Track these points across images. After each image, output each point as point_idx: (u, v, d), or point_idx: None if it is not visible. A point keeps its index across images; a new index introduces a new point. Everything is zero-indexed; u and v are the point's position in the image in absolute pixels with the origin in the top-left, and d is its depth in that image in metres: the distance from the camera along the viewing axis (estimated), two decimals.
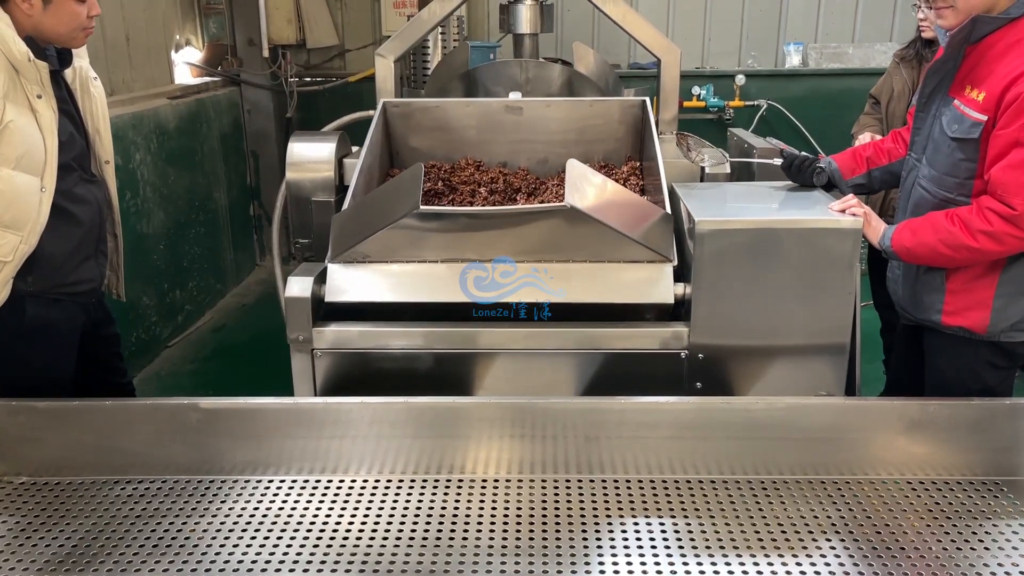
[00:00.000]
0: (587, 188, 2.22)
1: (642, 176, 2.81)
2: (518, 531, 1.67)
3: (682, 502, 1.77)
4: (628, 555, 1.59)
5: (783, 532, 1.67)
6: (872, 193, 2.74)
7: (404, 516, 1.72)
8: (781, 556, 1.59)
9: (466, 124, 2.95)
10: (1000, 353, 2.32)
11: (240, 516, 1.74)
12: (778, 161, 2.66)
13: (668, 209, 2.34)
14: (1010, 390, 2.39)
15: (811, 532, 1.66)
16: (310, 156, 2.80)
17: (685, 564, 1.57)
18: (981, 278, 2.26)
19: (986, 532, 1.67)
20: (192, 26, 5.87)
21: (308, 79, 6.39)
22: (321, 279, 2.31)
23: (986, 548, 1.61)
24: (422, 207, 2.15)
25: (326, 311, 2.33)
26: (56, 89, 2.26)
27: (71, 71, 2.39)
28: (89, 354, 2.55)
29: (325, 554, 1.61)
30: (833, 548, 1.61)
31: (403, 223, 2.20)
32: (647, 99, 2.91)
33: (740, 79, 6.03)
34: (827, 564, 1.56)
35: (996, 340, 2.29)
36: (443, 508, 1.75)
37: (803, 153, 2.67)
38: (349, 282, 2.30)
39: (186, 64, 5.75)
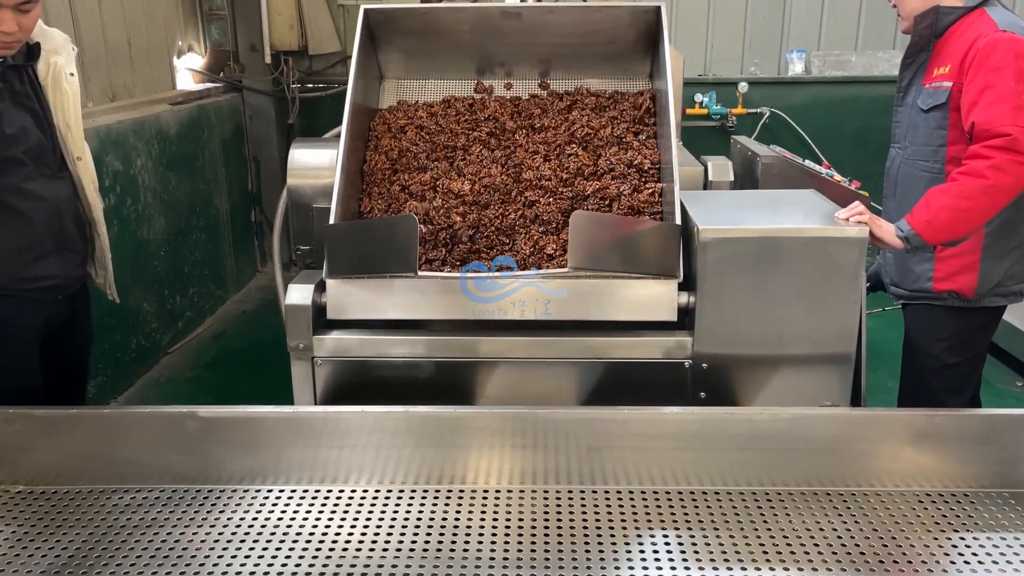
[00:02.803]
0: (590, 241, 2.14)
1: (654, 104, 2.69)
2: (519, 542, 1.65)
3: (685, 514, 1.75)
4: (631, 567, 1.57)
5: (788, 544, 1.64)
6: None
7: (404, 527, 1.70)
8: (786, 569, 1.57)
9: (460, 30, 2.78)
10: (979, 316, 2.51)
11: (239, 526, 1.72)
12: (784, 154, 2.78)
13: (678, 218, 2.28)
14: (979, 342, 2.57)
15: (816, 544, 1.64)
16: (311, 163, 2.79)
17: None
18: (968, 241, 2.42)
19: (994, 545, 1.64)
20: (194, 32, 5.88)
21: (310, 85, 6.40)
22: (321, 287, 2.30)
23: (994, 561, 1.59)
24: (420, 273, 2.16)
25: (326, 319, 2.31)
26: (18, 84, 2.24)
27: (44, 66, 2.37)
28: (53, 355, 2.52)
29: (324, 565, 1.58)
30: (839, 561, 1.59)
31: None
32: (662, 4, 2.72)
33: (743, 86, 6.03)
34: None
35: (982, 305, 2.45)
36: (444, 519, 1.73)
37: None
38: (349, 298, 2.29)
39: (188, 70, 5.75)
